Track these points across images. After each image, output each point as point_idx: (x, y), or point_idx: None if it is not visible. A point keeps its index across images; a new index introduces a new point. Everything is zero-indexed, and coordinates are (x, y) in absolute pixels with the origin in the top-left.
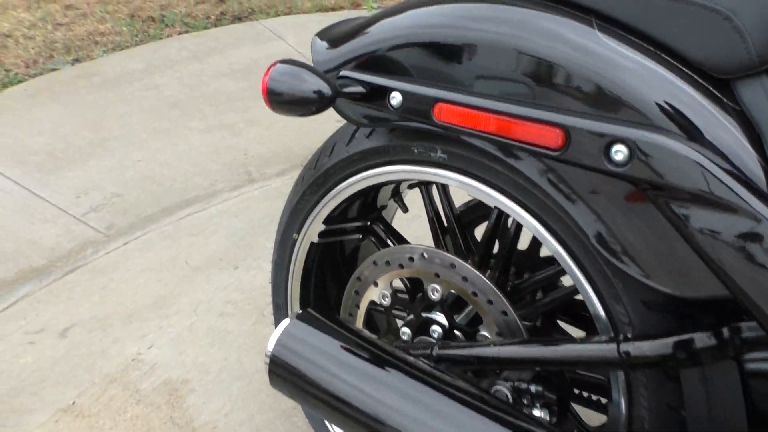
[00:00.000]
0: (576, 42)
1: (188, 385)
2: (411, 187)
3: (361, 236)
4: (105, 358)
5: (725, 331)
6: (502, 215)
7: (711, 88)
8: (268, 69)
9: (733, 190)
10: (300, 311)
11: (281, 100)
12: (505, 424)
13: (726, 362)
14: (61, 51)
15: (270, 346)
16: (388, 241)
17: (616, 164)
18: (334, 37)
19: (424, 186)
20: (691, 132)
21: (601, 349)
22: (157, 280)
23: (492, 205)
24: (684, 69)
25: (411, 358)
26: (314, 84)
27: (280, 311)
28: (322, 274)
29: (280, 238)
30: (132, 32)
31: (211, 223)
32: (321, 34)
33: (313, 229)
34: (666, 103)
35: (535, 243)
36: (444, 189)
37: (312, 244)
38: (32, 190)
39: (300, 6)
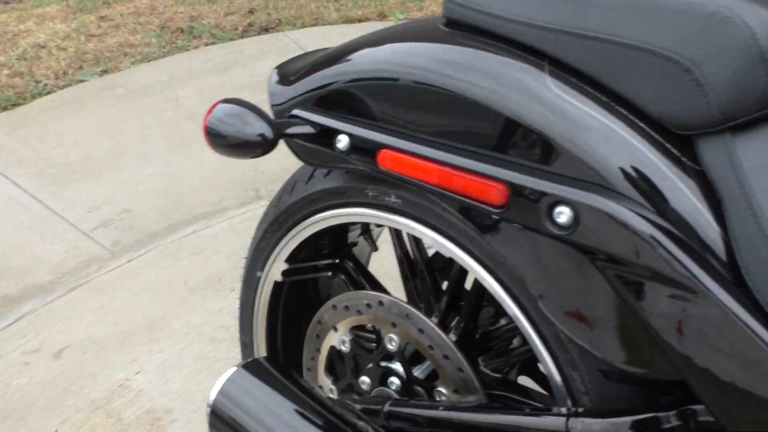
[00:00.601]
0: (525, 90)
1: (171, 414)
2: (380, 225)
3: (330, 273)
4: (93, 383)
5: (685, 414)
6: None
7: (669, 146)
8: (211, 109)
9: (685, 267)
10: (248, 361)
11: (224, 143)
12: None
13: None
14: (90, 62)
15: (212, 395)
16: (360, 280)
17: (560, 227)
18: (290, 72)
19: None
20: (644, 196)
21: (549, 422)
22: (154, 301)
23: (447, 255)
24: (640, 123)
25: (360, 423)
26: (258, 127)
27: (247, 350)
28: (296, 314)
29: (245, 276)
30: (160, 43)
31: (214, 242)
32: (279, 68)
33: (276, 268)
34: (618, 161)
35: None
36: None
37: (276, 282)
38: (46, 204)
39: (327, 17)
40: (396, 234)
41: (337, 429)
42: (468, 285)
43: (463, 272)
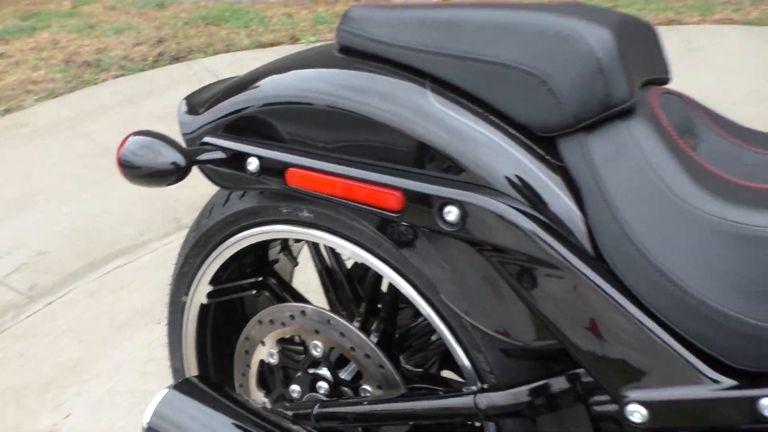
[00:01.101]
0: (410, 106)
1: None
2: (298, 241)
3: (255, 292)
4: None
5: (571, 378)
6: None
7: (535, 147)
8: (123, 141)
9: (554, 248)
10: (180, 381)
11: (138, 174)
12: None
13: (576, 407)
14: None
15: (146, 418)
16: (284, 296)
17: (450, 225)
18: (199, 102)
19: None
20: (517, 191)
21: (459, 402)
22: (78, 342)
23: (360, 261)
24: (510, 129)
25: (294, 427)
26: (170, 156)
27: (179, 375)
28: (225, 334)
29: (170, 301)
30: (66, 78)
31: (138, 276)
32: (188, 98)
33: (200, 291)
34: (494, 164)
35: None
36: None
37: (202, 305)
38: None
39: (238, 43)
40: (314, 247)
41: None
42: (384, 288)
43: (379, 277)
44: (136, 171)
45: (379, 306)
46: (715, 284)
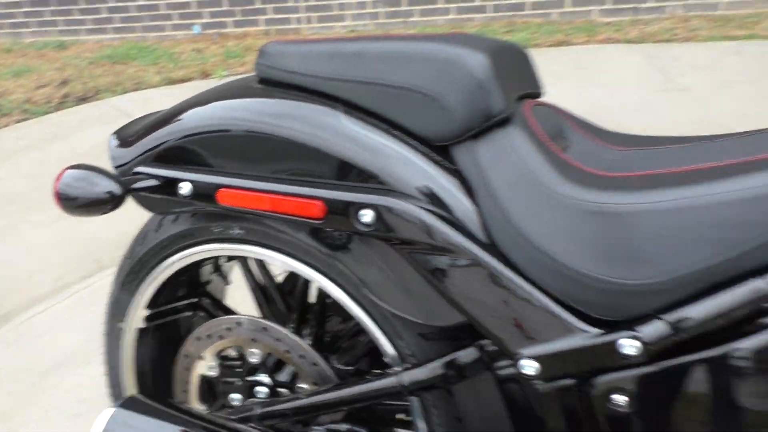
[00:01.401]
0: (326, 127)
1: None
2: (229, 260)
3: (191, 313)
4: None
5: (478, 349)
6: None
7: (434, 155)
8: (59, 175)
9: (453, 238)
10: (124, 399)
11: (76, 205)
12: None
13: (484, 374)
14: None
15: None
16: (218, 314)
17: (366, 226)
18: (128, 135)
19: (241, 259)
20: (421, 193)
21: (386, 383)
22: (6, 393)
23: (289, 270)
24: (411, 141)
25: (241, 426)
26: (106, 185)
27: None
28: (163, 355)
29: (107, 330)
30: None
31: (59, 321)
32: (117, 133)
33: (137, 316)
34: (401, 170)
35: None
36: (260, 260)
37: (139, 330)
38: None
39: (148, 81)
40: (244, 265)
41: None
42: (314, 294)
43: (308, 284)
44: (73, 202)
45: (310, 312)
46: (578, 252)
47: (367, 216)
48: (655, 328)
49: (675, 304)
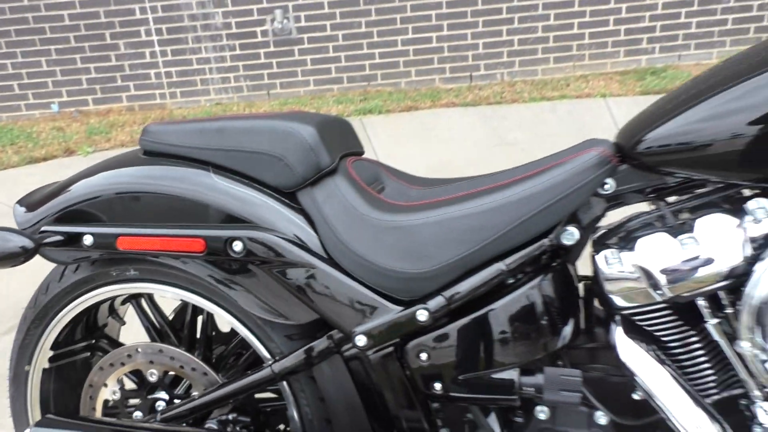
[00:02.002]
0: (200, 184)
1: None
2: (123, 303)
3: (89, 354)
4: None
5: (329, 337)
6: (197, 308)
7: (284, 199)
8: None
9: (301, 255)
10: (39, 419)
11: (10, 257)
12: None
13: (334, 356)
14: None
15: None
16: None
17: (237, 253)
18: (31, 202)
19: (134, 300)
20: (275, 226)
21: (262, 374)
22: None
23: (179, 299)
24: (267, 190)
25: (146, 425)
26: (18, 241)
27: None
28: (68, 391)
29: (13, 375)
30: None
31: None
32: (20, 201)
33: (43, 357)
34: (259, 211)
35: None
36: (151, 299)
37: (44, 370)
38: None
39: (6, 161)
40: (138, 305)
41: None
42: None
43: (195, 311)
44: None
45: (198, 334)
46: (384, 255)
47: (237, 245)
48: (438, 301)
49: (450, 283)
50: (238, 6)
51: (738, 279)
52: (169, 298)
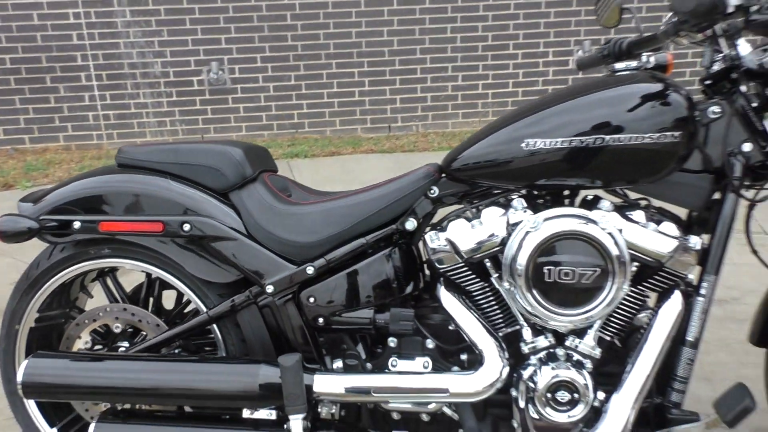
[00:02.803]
0: (161, 185)
1: None
2: (93, 281)
3: (63, 320)
4: None
5: (249, 291)
6: (152, 283)
7: (220, 197)
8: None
9: (229, 232)
10: (33, 353)
11: (7, 235)
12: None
13: (251, 306)
14: None
15: (19, 378)
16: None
17: (186, 232)
18: (32, 198)
19: (101, 279)
20: (213, 215)
21: (200, 319)
22: None
23: (141, 270)
24: (207, 191)
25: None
26: (27, 223)
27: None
28: (48, 346)
29: (5, 332)
30: None
31: None
32: (23, 199)
33: (30, 318)
34: (202, 205)
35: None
36: (114, 277)
37: (30, 329)
38: None
39: None
40: (104, 283)
41: (113, 358)
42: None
43: (155, 280)
44: (5, 234)
45: (154, 298)
46: (286, 231)
47: (186, 227)
48: (320, 262)
49: (329, 250)
50: (177, 57)
51: (503, 246)
52: (133, 270)
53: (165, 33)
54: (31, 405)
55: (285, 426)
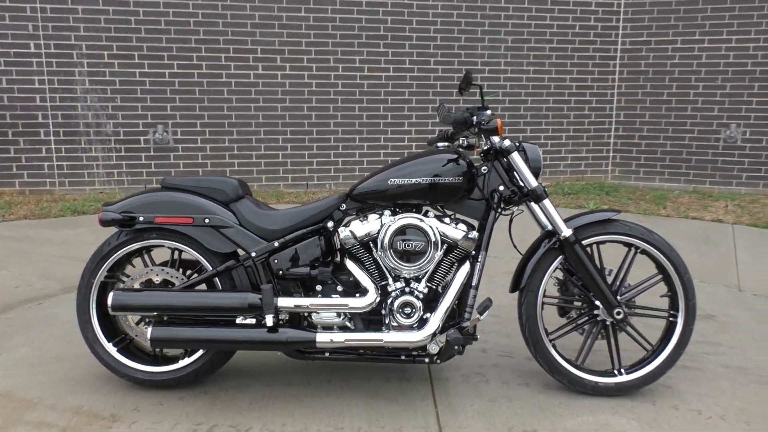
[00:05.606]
0: (190, 198)
1: None
2: (135, 257)
3: (115, 280)
4: None
5: (239, 258)
6: (180, 253)
7: (225, 206)
8: (100, 213)
9: (231, 224)
10: (115, 288)
11: (104, 221)
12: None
13: (240, 267)
14: None
15: (110, 301)
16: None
17: (206, 224)
18: (112, 203)
19: (142, 255)
20: (221, 215)
21: (209, 274)
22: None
23: (174, 249)
24: (217, 202)
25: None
26: (115, 216)
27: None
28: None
29: (85, 283)
30: None
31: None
32: (106, 204)
33: (101, 275)
34: (215, 209)
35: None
36: (149, 254)
37: (101, 282)
38: None
39: None
40: (148, 254)
41: (171, 290)
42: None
43: (180, 255)
44: (103, 220)
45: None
46: (264, 224)
47: (207, 220)
48: (282, 240)
49: (286, 234)
50: (127, 119)
51: (378, 233)
52: (166, 249)
53: (119, 99)
54: (96, 328)
55: (262, 322)
